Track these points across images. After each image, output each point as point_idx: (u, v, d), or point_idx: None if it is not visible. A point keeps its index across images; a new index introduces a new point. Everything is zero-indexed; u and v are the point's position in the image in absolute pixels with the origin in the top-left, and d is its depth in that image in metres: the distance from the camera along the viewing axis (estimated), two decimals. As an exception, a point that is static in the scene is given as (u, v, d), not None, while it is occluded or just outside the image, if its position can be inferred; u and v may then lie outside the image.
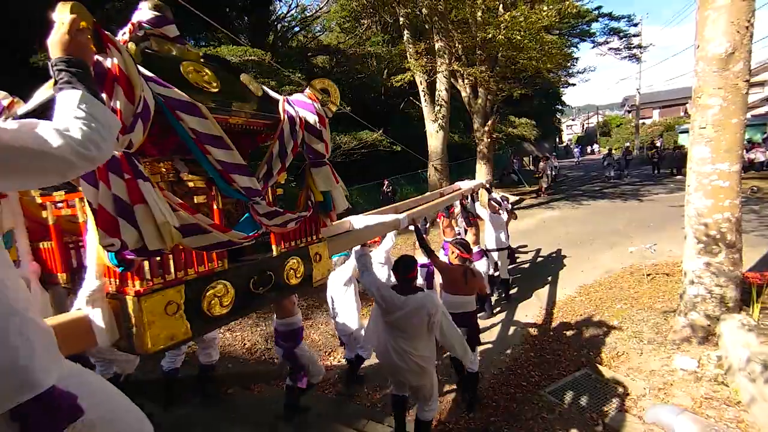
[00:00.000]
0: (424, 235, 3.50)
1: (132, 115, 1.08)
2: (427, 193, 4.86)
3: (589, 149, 36.34)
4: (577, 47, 18.30)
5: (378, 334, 2.72)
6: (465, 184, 5.29)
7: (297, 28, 16.36)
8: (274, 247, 1.64)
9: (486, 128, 12.76)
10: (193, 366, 3.64)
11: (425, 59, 10.39)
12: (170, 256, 1.26)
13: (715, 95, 3.34)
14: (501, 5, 10.49)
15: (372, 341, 2.98)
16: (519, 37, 8.73)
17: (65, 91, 0.90)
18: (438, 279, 4.15)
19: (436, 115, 10.74)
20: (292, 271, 1.69)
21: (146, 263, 1.20)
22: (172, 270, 1.28)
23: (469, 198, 5.03)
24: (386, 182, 13.47)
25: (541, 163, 16.12)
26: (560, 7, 8.75)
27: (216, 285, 1.37)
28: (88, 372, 1.09)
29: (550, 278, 6.63)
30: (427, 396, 2.71)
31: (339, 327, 3.94)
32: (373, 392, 3.92)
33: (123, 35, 1.34)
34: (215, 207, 1.45)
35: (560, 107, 30.81)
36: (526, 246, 8.53)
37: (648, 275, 5.71)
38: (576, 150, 31.06)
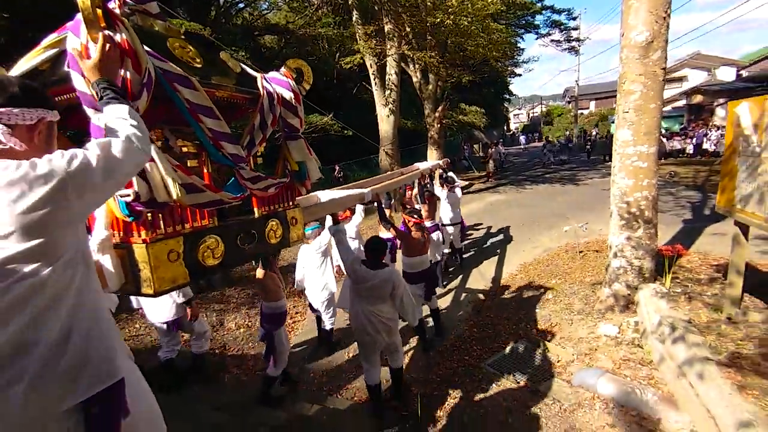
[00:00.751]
0: (387, 210, 3.93)
1: (139, 85, 1.25)
2: (389, 172, 5.33)
3: (525, 138, 38.23)
4: (522, 38, 19.00)
5: (351, 302, 3.17)
6: (423, 165, 5.76)
7: (242, 5, 15.34)
8: (255, 209, 1.89)
9: (437, 114, 12.92)
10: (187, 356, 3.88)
11: (374, 41, 10.21)
12: (171, 210, 1.43)
13: (637, 81, 3.58)
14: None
15: (345, 305, 3.63)
16: (466, 23, 8.83)
17: (113, 105, 1.13)
18: None
19: (386, 99, 10.65)
20: (272, 231, 1.94)
21: (151, 216, 1.36)
22: (172, 223, 1.46)
23: (428, 177, 5.56)
24: (337, 167, 13.26)
25: (490, 150, 16.83)
26: (505, -6, 8.95)
27: (208, 239, 1.57)
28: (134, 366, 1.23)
29: (494, 258, 6.93)
30: (394, 348, 3.26)
31: (314, 297, 4.21)
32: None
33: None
34: (205, 170, 1.67)
35: (508, 96, 32.04)
36: (474, 227, 8.86)
37: (580, 252, 6.14)
38: (522, 138, 32.59)
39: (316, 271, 4.16)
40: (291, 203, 2.11)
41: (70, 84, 1.22)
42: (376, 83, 10.78)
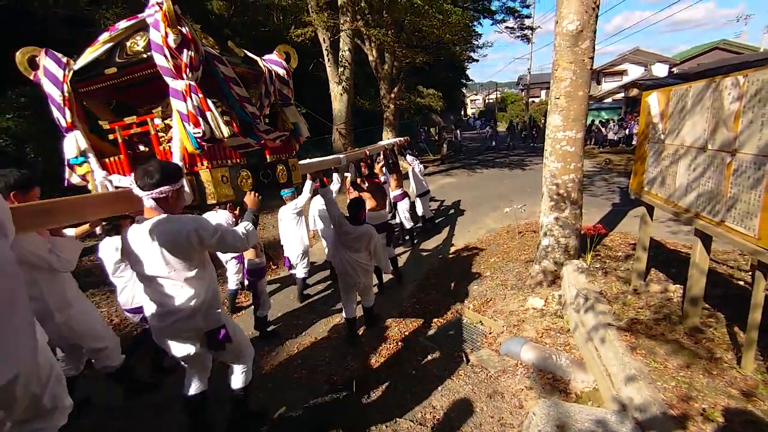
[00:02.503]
0: (357, 179, 4.92)
1: (198, 62, 1.85)
2: (357, 148, 6.31)
3: (480, 123, 39.35)
4: (480, 23, 19.20)
5: (335, 250, 3.89)
6: (384, 142, 7.06)
7: (185, -36, 14.08)
8: (268, 156, 2.59)
9: (392, 95, 12.86)
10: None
11: (327, 14, 9.85)
12: (221, 148, 2.09)
13: (568, 68, 3.77)
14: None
15: (331, 255, 4.41)
16: (419, 2, 8.75)
17: (249, 223, 2.18)
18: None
19: (339, 76, 10.39)
20: (281, 173, 2.63)
21: (209, 150, 1.99)
22: (221, 157, 2.12)
23: (392, 152, 6.49)
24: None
25: (444, 134, 17.18)
26: (459, -24, 8.95)
27: (242, 172, 2.23)
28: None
29: (440, 238, 7.15)
30: (367, 290, 4.06)
31: (290, 250, 4.96)
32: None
33: (155, 5, 1.82)
34: (234, 125, 2.27)
35: (465, 81, 32.49)
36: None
37: (519, 233, 6.50)
38: (478, 123, 33.48)
39: (293, 229, 4.91)
40: (291, 154, 2.80)
41: (120, 70, 1.99)
42: (329, 60, 10.47)
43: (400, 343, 3.89)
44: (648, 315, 3.01)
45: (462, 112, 42.95)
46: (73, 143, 2.12)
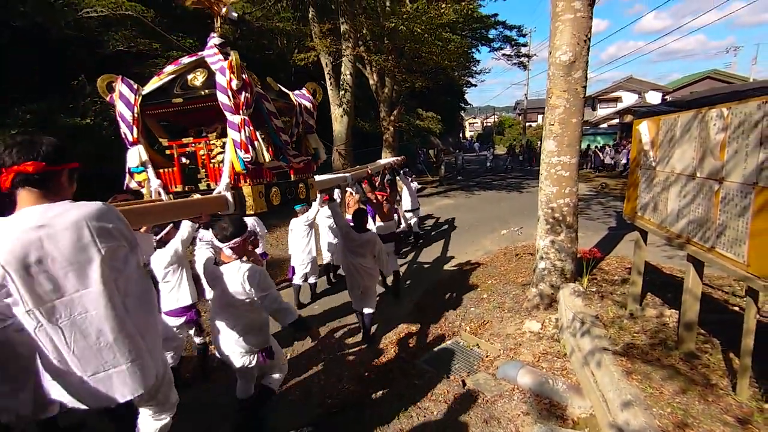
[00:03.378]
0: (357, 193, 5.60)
1: (252, 100, 2.24)
2: (358, 166, 6.76)
3: (479, 146, 40.07)
4: (478, 50, 19.86)
5: (342, 256, 4.34)
6: (383, 161, 7.57)
7: (193, -10, 14.59)
8: (292, 176, 2.90)
9: (391, 117, 13.12)
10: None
11: (329, 40, 10.18)
12: (260, 170, 2.43)
13: (561, 96, 3.90)
14: (408, -3, 10.77)
15: (340, 261, 4.87)
16: (420, 30, 9.07)
17: (293, 316, 2.64)
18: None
19: (340, 99, 10.64)
20: (301, 190, 2.99)
21: (252, 171, 2.34)
22: (259, 177, 2.44)
23: (388, 171, 6.86)
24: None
25: (442, 156, 17.50)
26: (458, 6, 9.32)
27: (274, 188, 2.57)
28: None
29: (439, 259, 7.16)
30: (370, 293, 4.29)
31: (297, 259, 5.31)
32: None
33: (214, 48, 2.43)
34: (270, 149, 2.62)
35: (463, 105, 33.23)
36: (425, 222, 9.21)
37: (516, 255, 6.53)
38: (476, 145, 34.08)
39: (303, 239, 5.29)
40: (310, 174, 3.18)
41: (186, 100, 2.41)
42: (331, 83, 10.74)
43: (396, 366, 3.85)
44: (644, 340, 3.02)
45: (461, 135, 43.70)
46: (136, 155, 2.51)
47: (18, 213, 1.32)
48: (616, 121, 24.72)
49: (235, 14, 2.77)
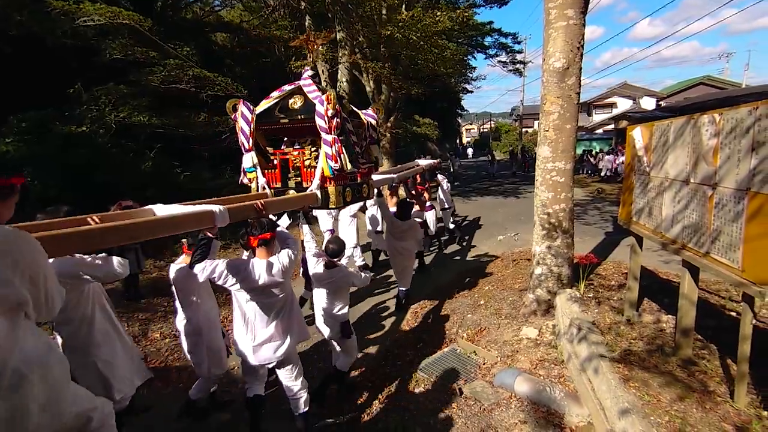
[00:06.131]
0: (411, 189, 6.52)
1: (341, 123, 3.01)
2: (399, 166, 7.51)
3: (473, 152, 40.35)
4: (474, 57, 20.02)
5: (389, 240, 5.21)
6: (423, 162, 8.03)
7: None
8: (359, 178, 3.54)
9: (388, 124, 13.17)
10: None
11: (325, 48, 10.24)
12: (342, 175, 3.16)
13: (555, 103, 3.92)
14: (404, 6, 10.86)
15: (386, 244, 5.57)
16: (415, 38, 9.15)
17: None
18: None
19: (338, 106, 10.68)
20: (365, 189, 3.68)
21: (337, 175, 3.07)
22: (341, 179, 3.20)
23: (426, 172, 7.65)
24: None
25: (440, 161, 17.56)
26: (453, 14, 9.42)
27: (348, 188, 3.26)
28: None
29: (435, 266, 7.14)
30: (406, 272, 5.24)
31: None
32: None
33: (308, 79, 3.29)
34: (343, 157, 3.12)
35: (460, 111, 33.44)
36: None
37: (513, 261, 6.52)
38: (469, 151, 34.29)
39: (347, 227, 6.03)
40: (371, 177, 3.88)
41: (290, 120, 3.23)
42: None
43: (393, 374, 3.81)
44: (641, 346, 3.00)
45: (457, 141, 43.90)
46: (249, 159, 3.24)
47: None
48: (612, 126, 24.93)
49: (322, 48, 3.56)
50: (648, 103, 26.34)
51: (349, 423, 3.21)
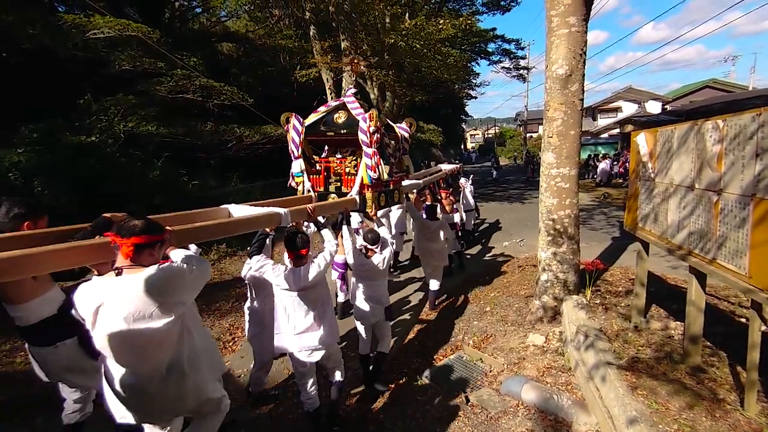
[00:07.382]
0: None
1: (380, 138, 3.56)
2: (423, 171, 7.87)
3: (476, 157, 40.33)
4: (478, 63, 20.12)
5: (420, 242, 5.34)
6: (446, 167, 8.50)
7: (199, 10, 14.96)
8: (392, 185, 3.98)
9: (392, 131, 13.25)
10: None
11: (330, 56, 10.36)
12: (379, 182, 3.63)
13: (559, 109, 3.93)
14: (407, 14, 10.99)
15: (416, 242, 5.65)
16: (419, 46, 9.23)
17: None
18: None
19: (342, 114, 10.77)
20: (396, 195, 4.11)
21: (374, 183, 3.55)
22: (377, 187, 3.65)
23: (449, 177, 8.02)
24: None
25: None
26: (456, 22, 9.50)
27: (382, 194, 3.75)
28: None
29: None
30: (437, 272, 5.37)
31: None
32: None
33: (352, 96, 3.82)
34: (381, 168, 3.60)
35: (464, 117, 33.53)
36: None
37: (519, 267, 6.49)
38: (473, 155, 34.35)
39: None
40: (401, 184, 4.28)
41: (335, 133, 3.73)
42: (332, 98, 10.88)
43: (400, 382, 3.81)
44: (649, 353, 2.97)
45: (462, 146, 43.94)
46: (298, 165, 3.66)
47: None
48: (617, 131, 24.80)
49: (364, 69, 5.02)
50: (653, 107, 26.19)
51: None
